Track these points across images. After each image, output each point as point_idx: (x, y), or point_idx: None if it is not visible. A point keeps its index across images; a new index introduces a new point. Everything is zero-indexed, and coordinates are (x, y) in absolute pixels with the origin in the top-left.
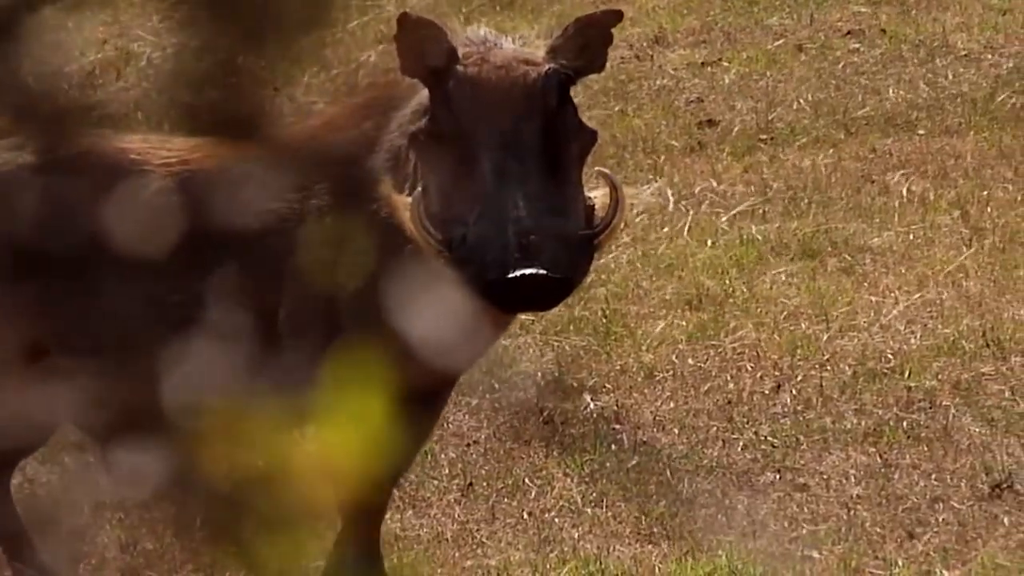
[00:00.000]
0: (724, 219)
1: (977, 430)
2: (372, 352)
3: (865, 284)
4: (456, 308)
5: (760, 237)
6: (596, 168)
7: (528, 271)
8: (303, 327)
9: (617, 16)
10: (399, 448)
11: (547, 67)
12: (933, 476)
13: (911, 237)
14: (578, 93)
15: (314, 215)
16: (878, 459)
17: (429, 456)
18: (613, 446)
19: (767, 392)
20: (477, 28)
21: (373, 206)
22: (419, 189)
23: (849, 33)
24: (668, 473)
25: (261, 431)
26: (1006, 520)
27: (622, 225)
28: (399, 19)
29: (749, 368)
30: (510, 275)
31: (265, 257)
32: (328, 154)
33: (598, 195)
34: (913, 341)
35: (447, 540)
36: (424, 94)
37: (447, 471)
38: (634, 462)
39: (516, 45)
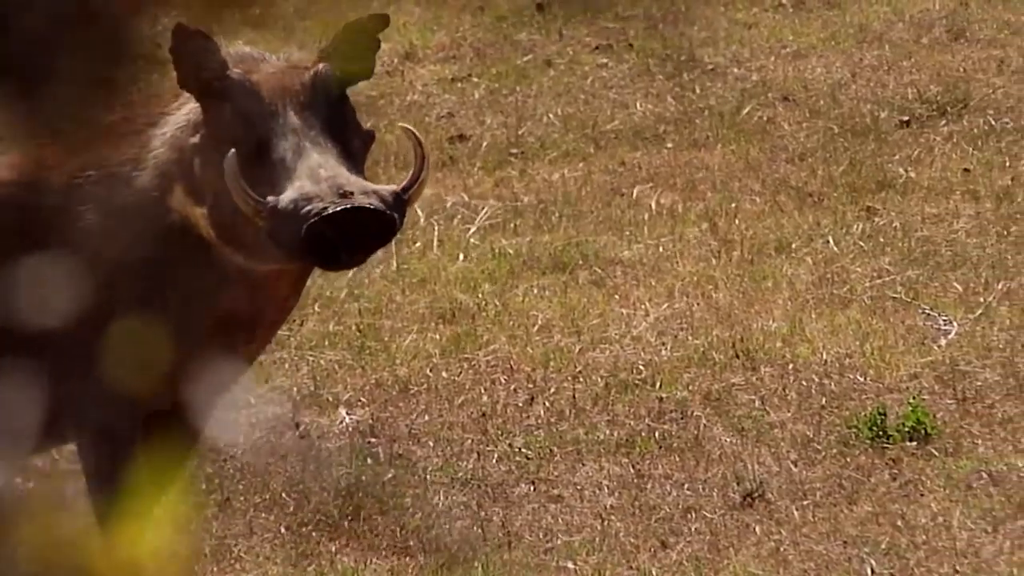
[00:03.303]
0: (472, 231)
1: (728, 440)
2: (136, 364)
3: (616, 296)
4: (228, 316)
5: (512, 251)
6: (400, 124)
7: (349, 205)
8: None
9: (383, 21)
10: (164, 465)
11: (320, 65)
12: (685, 486)
13: (660, 249)
14: None
15: (79, 237)
16: (631, 469)
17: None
18: (369, 459)
19: (521, 404)
20: (240, 46)
21: (144, 221)
22: (231, 155)
23: (597, 48)
24: (424, 486)
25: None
26: (757, 529)
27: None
28: (174, 30)
29: (503, 381)
30: (331, 210)
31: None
32: (88, 174)
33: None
34: (664, 352)
35: (205, 555)
36: (189, 108)
37: (204, 486)
38: (390, 475)
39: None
